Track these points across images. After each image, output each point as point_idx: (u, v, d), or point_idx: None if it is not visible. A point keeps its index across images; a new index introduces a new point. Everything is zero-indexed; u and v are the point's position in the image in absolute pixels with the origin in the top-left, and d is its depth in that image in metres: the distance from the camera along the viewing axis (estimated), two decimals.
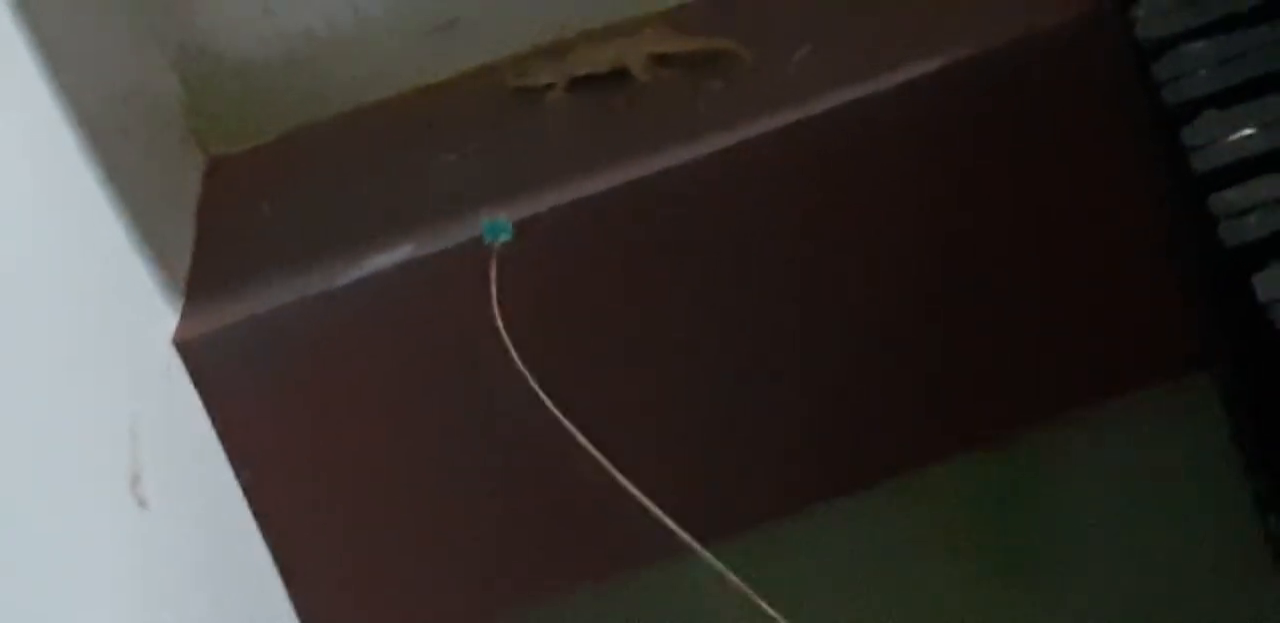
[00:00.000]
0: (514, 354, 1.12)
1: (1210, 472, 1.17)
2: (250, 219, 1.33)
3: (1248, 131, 0.98)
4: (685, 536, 1.03)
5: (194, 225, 1.33)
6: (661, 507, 1.06)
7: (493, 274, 1.14)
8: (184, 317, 1.21)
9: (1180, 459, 1.25)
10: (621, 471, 1.08)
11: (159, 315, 1.20)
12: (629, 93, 1.31)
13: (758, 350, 1.23)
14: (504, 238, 1.16)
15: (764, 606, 0.98)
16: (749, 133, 1.19)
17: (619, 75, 1.32)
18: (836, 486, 1.24)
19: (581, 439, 1.09)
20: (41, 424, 0.95)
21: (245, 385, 1.21)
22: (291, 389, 1.21)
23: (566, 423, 1.10)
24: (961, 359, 1.26)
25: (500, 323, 1.12)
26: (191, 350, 1.19)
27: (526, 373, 1.11)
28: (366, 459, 1.23)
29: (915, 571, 1.21)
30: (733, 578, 1.00)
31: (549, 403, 1.10)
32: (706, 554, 1.02)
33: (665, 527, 1.04)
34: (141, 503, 1.03)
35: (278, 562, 1.22)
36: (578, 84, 1.34)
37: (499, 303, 1.14)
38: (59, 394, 1.00)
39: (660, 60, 1.32)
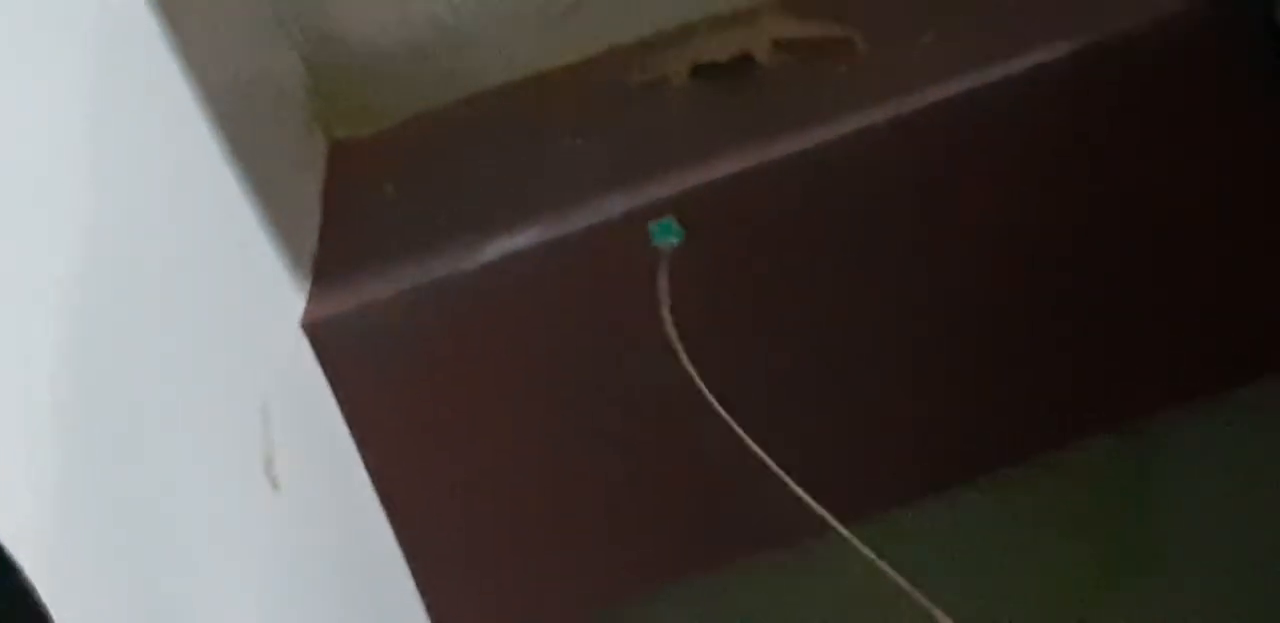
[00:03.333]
0: (672, 335, 1.11)
1: None
2: (375, 203, 1.34)
3: None
4: (827, 515, 1.03)
5: (320, 208, 1.34)
6: (801, 487, 1.06)
7: (662, 283, 1.15)
8: (311, 299, 1.22)
9: None
10: (762, 448, 1.09)
11: (287, 298, 1.21)
12: (753, 79, 1.31)
13: (895, 332, 1.23)
14: (674, 240, 1.16)
15: (905, 584, 0.97)
16: (879, 116, 1.19)
17: (742, 61, 1.33)
18: (967, 468, 1.24)
19: (722, 412, 1.09)
20: (181, 405, 0.96)
21: (371, 368, 1.22)
22: (417, 372, 1.22)
23: (710, 396, 1.10)
24: (1093, 345, 1.25)
25: (668, 320, 1.12)
26: (319, 333, 1.20)
27: (680, 347, 1.11)
28: (490, 442, 1.23)
29: (1045, 552, 1.21)
30: (872, 556, 0.99)
31: (695, 376, 1.10)
32: (847, 533, 1.02)
33: (806, 506, 1.04)
34: (275, 484, 1.04)
35: (401, 542, 1.23)
36: (699, 71, 1.34)
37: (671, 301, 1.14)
38: (197, 374, 1.00)
39: (782, 46, 1.32)
